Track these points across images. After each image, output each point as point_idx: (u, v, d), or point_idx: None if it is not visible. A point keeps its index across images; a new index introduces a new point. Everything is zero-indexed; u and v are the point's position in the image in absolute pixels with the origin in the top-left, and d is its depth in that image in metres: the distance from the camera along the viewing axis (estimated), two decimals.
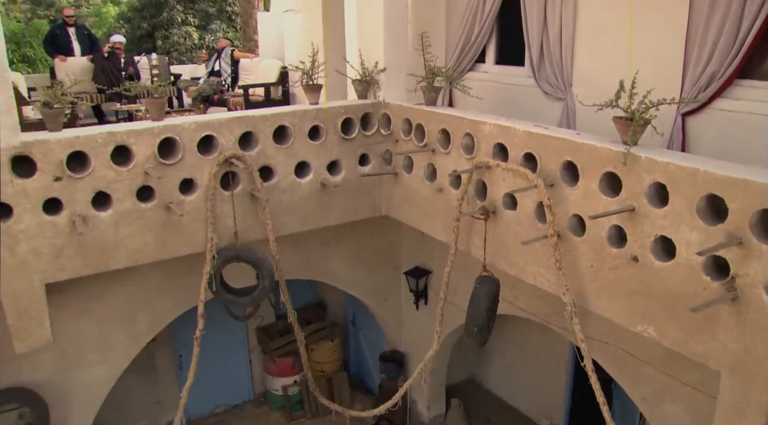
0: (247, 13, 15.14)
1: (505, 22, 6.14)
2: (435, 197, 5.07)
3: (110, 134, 4.45)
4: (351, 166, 5.49)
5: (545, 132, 4.04)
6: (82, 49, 10.35)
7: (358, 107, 5.43)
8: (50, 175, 4.34)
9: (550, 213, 3.87)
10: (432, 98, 5.09)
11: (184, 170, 4.76)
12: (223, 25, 22.43)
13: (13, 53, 15.00)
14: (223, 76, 9.62)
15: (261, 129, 4.99)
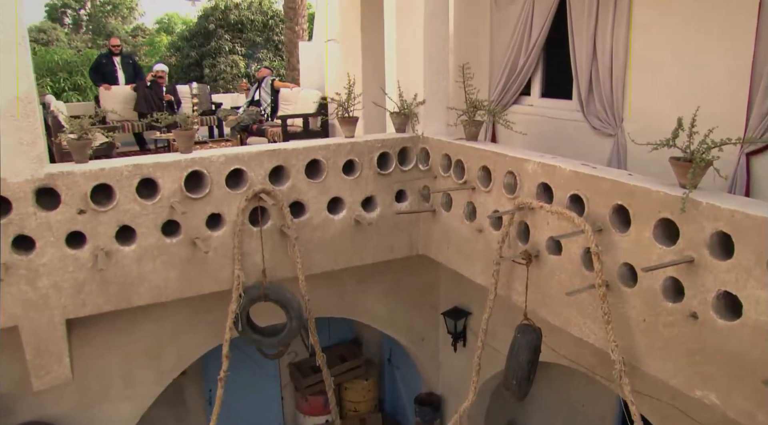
0: (292, 43, 15.19)
1: (551, 52, 5.89)
2: (474, 237, 4.79)
3: (136, 166, 4.32)
4: (387, 202, 5.26)
5: (594, 172, 3.73)
6: (126, 77, 10.46)
7: (395, 141, 5.20)
8: (74, 208, 4.22)
9: (598, 261, 3.55)
10: (473, 133, 4.84)
11: (212, 204, 4.59)
12: (269, 54, 22.68)
13: (64, 82, 15.37)
14: (263, 105, 9.55)
15: (292, 163, 4.80)
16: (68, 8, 31.01)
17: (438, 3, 5.13)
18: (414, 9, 5.16)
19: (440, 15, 5.16)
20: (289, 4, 15.03)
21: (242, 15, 22.48)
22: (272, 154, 4.72)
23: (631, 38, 4.87)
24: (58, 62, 16.15)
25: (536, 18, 5.66)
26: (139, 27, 30.78)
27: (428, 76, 5.22)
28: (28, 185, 4.07)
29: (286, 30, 15.56)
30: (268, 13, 22.77)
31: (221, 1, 22.60)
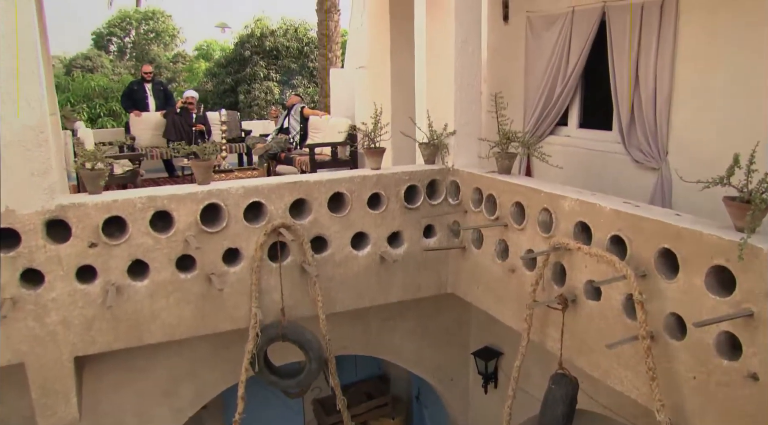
0: (326, 70, 15.13)
1: (590, 81, 5.61)
2: (506, 277, 4.49)
3: (150, 198, 4.14)
4: (414, 238, 5.00)
5: (637, 212, 3.43)
6: (156, 104, 10.45)
7: (423, 173, 4.96)
8: (85, 241, 4.05)
9: (641, 310, 3.23)
10: (506, 166, 4.57)
11: (229, 239, 4.39)
12: (304, 81, 22.74)
13: (100, 107, 15.54)
14: (292, 133, 9.40)
15: (314, 196, 4.59)
16: (114, 36, 31.95)
17: (470, 30, 4.90)
18: (445, 35, 4.94)
19: (473, 42, 4.93)
20: (322, 31, 15.01)
21: (278, 42, 22.61)
22: (293, 186, 4.51)
23: (677, 66, 4.56)
24: (94, 89, 16.37)
25: (574, 44, 5.41)
26: (180, 54, 31.35)
27: (459, 105, 4.98)
28: (38, 217, 3.93)
29: (319, 57, 15.54)
30: (304, 40, 22.87)
31: (257, 29, 22.78)
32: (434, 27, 5.11)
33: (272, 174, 9.91)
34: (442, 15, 4.97)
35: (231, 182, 4.45)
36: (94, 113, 15.73)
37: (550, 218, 4.03)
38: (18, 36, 3.68)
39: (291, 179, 4.56)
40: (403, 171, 4.89)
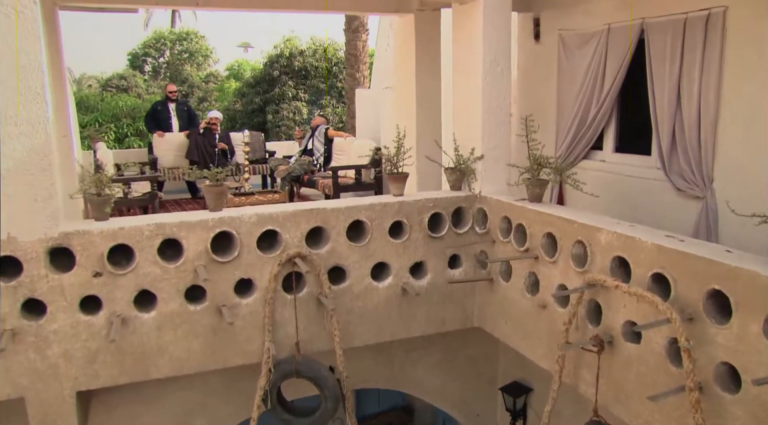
0: (353, 90, 14.99)
1: (627, 102, 5.31)
2: (537, 313, 4.19)
3: (158, 226, 3.94)
4: (439, 269, 4.73)
5: (682, 247, 3.12)
6: (180, 124, 10.35)
7: (449, 201, 4.70)
8: (90, 270, 3.87)
9: (688, 359, 2.91)
10: (537, 194, 4.28)
11: (241, 269, 4.17)
12: (332, 101, 22.66)
13: (127, 127, 15.60)
14: (316, 155, 9.21)
15: (332, 224, 4.35)
16: (149, 56, 32.17)
17: (500, 49, 4.66)
18: (473, 55, 4.71)
19: (502, 61, 4.69)
20: (350, 51, 14.88)
21: (306, 62, 22.59)
22: (310, 214, 4.28)
23: (724, 86, 4.25)
24: (122, 108, 16.44)
25: (610, 63, 5.13)
26: (212, 73, 31.66)
27: (487, 128, 4.72)
28: (40, 245, 3.75)
29: (347, 77, 15.39)
30: (333, 59, 22.81)
31: (286, 48, 22.80)
32: (461, 46, 4.88)
33: (295, 197, 9.73)
34: (469, 33, 4.74)
35: (244, 210, 4.23)
36: (121, 132, 15.78)
37: (584, 252, 3.73)
38: (19, 57, 3.52)
39: (307, 206, 4.33)
40: (426, 198, 4.63)
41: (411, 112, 6.01)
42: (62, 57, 5.00)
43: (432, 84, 5.96)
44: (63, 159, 4.96)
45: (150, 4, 4.87)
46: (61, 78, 4.94)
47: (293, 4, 5.31)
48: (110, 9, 8.00)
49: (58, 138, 4.74)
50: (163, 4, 4.78)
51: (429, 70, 5.95)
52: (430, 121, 5.99)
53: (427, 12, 5.84)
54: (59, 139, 4.78)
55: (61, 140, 4.77)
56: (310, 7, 5.35)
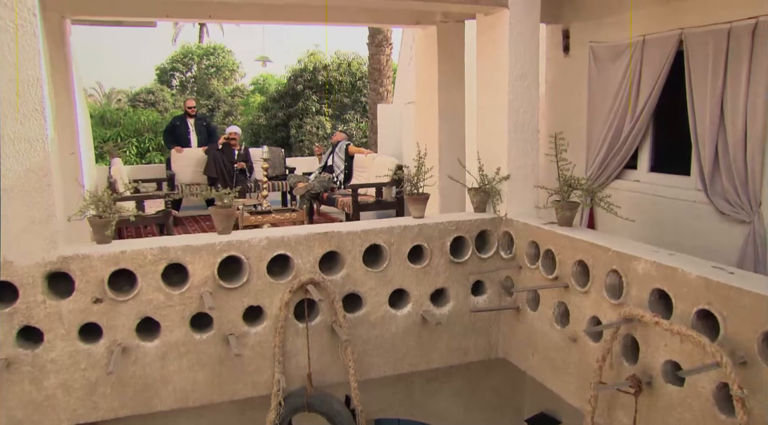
0: (376, 105, 14.82)
1: (664, 118, 5.01)
2: (567, 346, 3.89)
3: (162, 250, 3.73)
4: (461, 296, 4.46)
5: (733, 281, 2.82)
6: (199, 140, 10.21)
7: (472, 223, 4.44)
8: (89, 296, 3.66)
9: (742, 409, 2.60)
10: (567, 218, 4.00)
11: (250, 295, 3.94)
12: (356, 116, 22.52)
13: (149, 142, 15.58)
14: (336, 172, 8.98)
15: (348, 249, 4.11)
16: (176, 71, 32.93)
17: (527, 62, 4.41)
18: (499, 69, 4.46)
19: (529, 75, 4.43)
20: (374, 65, 14.73)
21: (330, 76, 22.49)
22: (324, 238, 4.05)
23: None
24: (144, 123, 16.43)
25: (645, 77, 4.84)
26: (238, 88, 31.97)
27: (513, 146, 4.46)
28: (38, 270, 3.56)
29: (370, 91, 15.23)
30: (357, 74, 22.70)
31: (310, 63, 22.74)
32: (487, 59, 4.64)
33: (315, 215, 9.52)
34: (495, 46, 4.50)
35: (253, 233, 4.01)
36: (143, 147, 15.76)
37: (619, 282, 3.44)
38: (19, 72, 3.34)
39: (321, 230, 4.09)
40: (449, 221, 4.37)
41: (433, 128, 5.76)
42: (71, 71, 4.85)
43: (455, 99, 5.71)
44: (71, 178, 4.80)
45: (161, 17, 4.71)
46: (70, 92, 4.79)
47: (305, 17, 5.12)
48: (125, 23, 7.91)
49: (63, 156, 4.59)
50: (174, 16, 4.61)
51: (452, 85, 5.70)
52: (453, 138, 5.74)
53: (450, 24, 5.61)
54: (66, 156, 4.61)
55: (69, 158, 4.61)
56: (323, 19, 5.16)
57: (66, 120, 4.62)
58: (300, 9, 5.12)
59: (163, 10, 4.73)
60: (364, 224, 4.26)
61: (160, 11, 4.74)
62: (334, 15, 5.33)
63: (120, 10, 4.71)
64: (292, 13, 5.11)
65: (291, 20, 5.12)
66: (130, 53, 62.82)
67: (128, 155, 15.65)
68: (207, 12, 4.76)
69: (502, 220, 4.49)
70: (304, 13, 5.08)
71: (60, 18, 4.60)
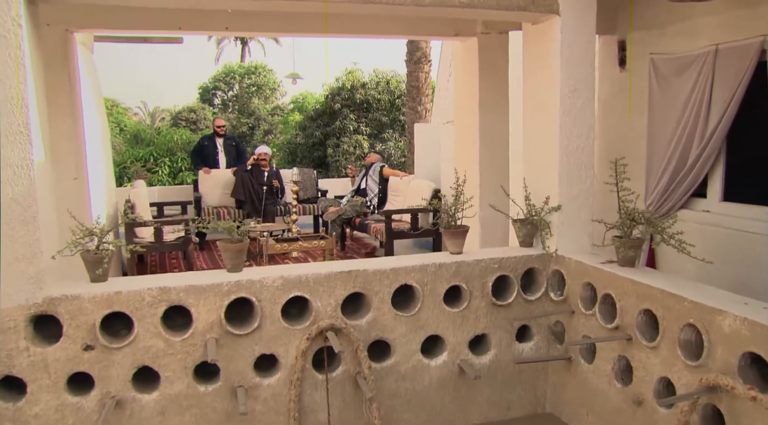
0: (413, 124, 14.39)
1: (739, 140, 4.44)
2: (629, 410, 3.33)
3: (162, 290, 3.30)
4: (504, 343, 3.94)
5: None
6: (227, 160, 9.86)
7: (518, 260, 3.92)
8: (79, 342, 3.24)
9: None
10: (629, 258, 3.46)
11: (262, 343, 3.48)
12: (395, 135, 22.13)
13: (182, 161, 15.37)
14: (369, 195, 8.50)
15: (375, 290, 3.63)
16: (218, 90, 33.59)
17: (581, 76, 3.90)
18: (549, 85, 3.96)
19: (584, 92, 3.92)
20: (412, 83, 14.32)
21: (368, 94, 22.18)
22: (347, 277, 3.57)
23: None
24: (177, 142, 16.25)
25: (717, 93, 4.28)
26: (279, 106, 32.30)
27: (566, 172, 3.95)
28: (20, 313, 3.16)
29: (408, 110, 14.82)
30: (396, 92, 22.34)
31: (348, 81, 22.48)
32: (534, 74, 4.14)
33: (347, 240, 9.06)
34: (544, 59, 4.01)
35: (267, 271, 3.57)
36: (175, 167, 15.55)
37: (698, 339, 2.89)
38: None
39: (344, 268, 3.62)
40: (491, 257, 3.86)
41: (473, 151, 5.25)
42: (78, 88, 4.50)
43: (498, 119, 5.20)
44: (79, 205, 4.44)
45: (173, 29, 4.35)
46: (76, 112, 4.43)
47: (331, 29, 4.70)
48: (151, 40, 7.64)
49: (66, 181, 4.22)
50: (188, 29, 4.25)
51: (495, 103, 5.19)
52: (496, 162, 5.22)
53: (492, 35, 5.12)
54: (68, 182, 4.25)
55: (71, 184, 4.24)
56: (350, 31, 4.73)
57: (69, 142, 4.26)
58: (321, 20, 4.70)
59: (175, 22, 4.37)
60: (394, 262, 3.77)
61: (170, 23, 4.39)
62: (367, 27, 4.90)
63: (128, 23, 4.37)
64: (312, 24, 4.70)
65: (310, 32, 4.69)
66: (175, 72, 64.48)
67: (161, 174, 15.45)
68: (223, 24, 4.39)
69: (552, 257, 3.96)
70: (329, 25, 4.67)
71: (64, 31, 4.25)
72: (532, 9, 3.81)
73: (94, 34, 4.92)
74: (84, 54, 6.57)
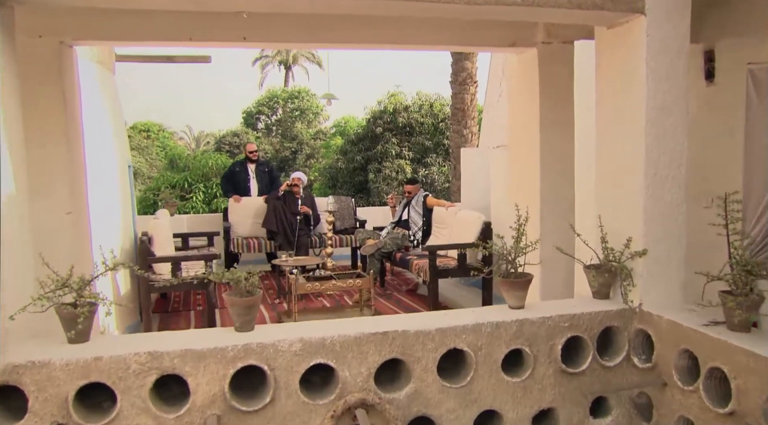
0: (459, 148, 13.74)
1: None
2: None
3: (152, 356, 2.69)
4: (576, 419, 3.23)
5: None
6: (260, 188, 9.28)
7: (593, 318, 3.21)
8: (48, 420, 2.63)
9: None
10: (743, 322, 2.72)
11: (276, 422, 2.84)
12: (438, 159, 21.50)
13: (216, 187, 14.92)
14: (413, 229, 7.78)
15: (417, 355, 2.96)
16: (262, 114, 34.36)
17: (671, 90, 3.21)
18: (630, 100, 3.28)
19: (675, 109, 3.23)
20: (457, 105, 13.72)
21: (411, 118, 21.65)
22: (382, 340, 2.91)
23: None
24: (212, 167, 15.84)
25: None
26: (321, 130, 32.65)
27: (652, 209, 3.24)
28: None
29: (452, 133, 14.20)
30: (439, 115, 21.79)
31: (390, 104, 22.01)
32: (611, 89, 3.46)
33: (387, 276, 8.39)
34: (624, 70, 3.33)
35: (282, 330, 2.93)
36: (209, 193, 15.10)
37: None
38: None
39: (378, 328, 2.96)
40: (560, 314, 3.16)
41: (532, 181, 4.54)
42: (78, 108, 3.96)
43: (562, 142, 4.47)
44: (76, 243, 3.88)
45: (183, 40, 3.80)
46: (72, 135, 3.88)
47: (360, 38, 4.10)
48: (177, 59, 7.17)
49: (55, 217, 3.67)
50: (201, 39, 3.69)
51: (558, 124, 4.48)
52: (560, 194, 4.50)
53: (554, 45, 4.44)
54: (60, 218, 3.70)
55: (62, 220, 3.68)
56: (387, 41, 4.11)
57: (64, 170, 3.69)
58: (355, 27, 4.10)
59: (185, 32, 3.83)
60: (440, 320, 3.10)
61: (179, 34, 3.85)
62: (410, 36, 4.28)
63: (132, 34, 3.84)
64: (345, 33, 4.09)
65: (342, 43, 4.08)
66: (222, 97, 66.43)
67: (194, 201, 15.01)
68: (240, 34, 3.83)
69: (636, 313, 3.24)
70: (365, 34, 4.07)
71: (58, 44, 3.72)
72: (611, 8, 3.13)
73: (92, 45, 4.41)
74: (102, 74, 6.11)
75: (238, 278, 2.84)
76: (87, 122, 4.38)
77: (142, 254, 5.82)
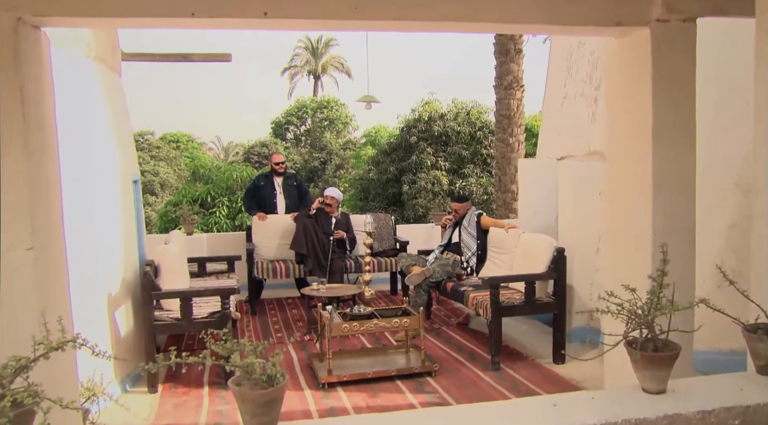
0: (505, 158, 12.78)
1: None
2: None
3: None
4: None
5: None
6: (287, 204, 8.32)
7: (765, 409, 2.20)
8: None
9: None
10: None
11: None
12: (476, 170, 20.53)
13: (241, 201, 14.10)
14: (466, 254, 6.73)
15: None
16: (291, 124, 34.93)
17: None
18: None
19: None
20: (501, 111, 12.78)
21: (447, 126, 20.74)
22: None
23: None
24: (237, 179, 15.00)
25: None
26: (351, 140, 32.60)
27: None
28: None
29: (497, 142, 13.24)
30: (477, 124, 20.85)
31: (425, 112, 21.14)
32: None
33: (433, 306, 7.41)
34: None
35: None
36: (234, 207, 14.26)
37: None
38: None
39: None
40: (725, 407, 2.16)
41: (642, 204, 3.46)
42: (54, 110, 3.06)
43: (683, 155, 3.42)
44: (41, 285, 2.96)
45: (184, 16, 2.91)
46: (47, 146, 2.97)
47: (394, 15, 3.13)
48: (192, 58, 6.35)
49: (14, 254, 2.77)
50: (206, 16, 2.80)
51: (677, 130, 3.43)
52: (681, 224, 3.44)
53: (672, 24, 3.40)
54: (20, 253, 2.80)
55: (22, 258, 2.77)
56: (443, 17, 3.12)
57: (15, 193, 2.74)
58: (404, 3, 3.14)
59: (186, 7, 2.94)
60: (543, 414, 2.11)
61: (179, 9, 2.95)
62: (482, 13, 3.31)
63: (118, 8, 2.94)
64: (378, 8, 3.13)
65: (376, 18, 3.09)
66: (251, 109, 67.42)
67: (218, 216, 14.18)
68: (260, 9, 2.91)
69: None
70: (405, 10, 3.13)
71: (15, 21, 2.73)
72: None
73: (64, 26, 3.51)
74: (102, 74, 5.28)
75: (252, 365, 1.88)
76: (68, 129, 3.50)
77: (145, 289, 4.93)
